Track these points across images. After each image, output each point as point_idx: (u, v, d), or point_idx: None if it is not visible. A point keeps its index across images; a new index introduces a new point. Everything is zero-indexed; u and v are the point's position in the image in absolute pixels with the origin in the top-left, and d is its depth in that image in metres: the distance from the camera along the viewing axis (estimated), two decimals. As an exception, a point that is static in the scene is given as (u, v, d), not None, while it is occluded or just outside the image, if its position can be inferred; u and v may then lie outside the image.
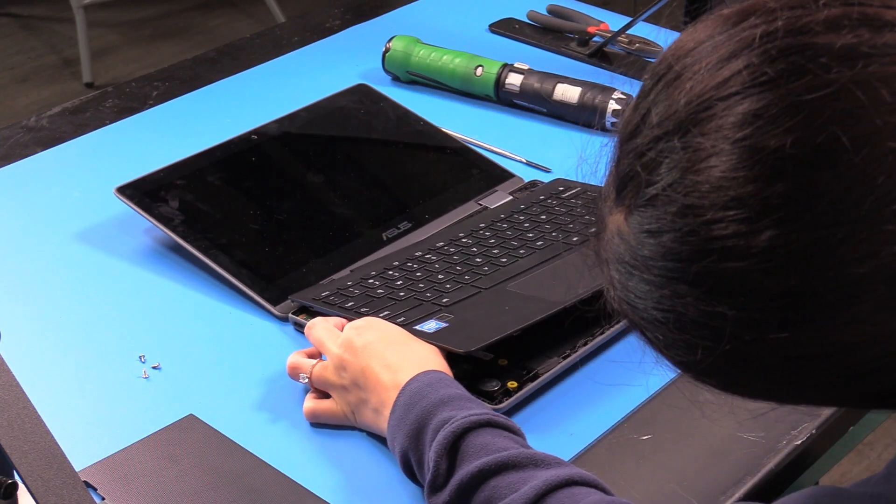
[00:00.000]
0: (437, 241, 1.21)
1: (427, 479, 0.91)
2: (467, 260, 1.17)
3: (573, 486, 0.86)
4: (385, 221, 1.26)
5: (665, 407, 1.06)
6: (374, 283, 1.14)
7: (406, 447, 0.94)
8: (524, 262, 1.15)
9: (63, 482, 0.79)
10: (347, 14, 1.76)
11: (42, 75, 3.65)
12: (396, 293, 1.12)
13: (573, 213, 1.23)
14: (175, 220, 1.21)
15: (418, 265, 1.16)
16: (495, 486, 0.87)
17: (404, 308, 1.09)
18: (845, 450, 1.15)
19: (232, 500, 0.96)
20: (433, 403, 0.93)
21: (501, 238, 1.20)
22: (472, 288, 1.12)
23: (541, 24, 1.70)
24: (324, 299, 1.12)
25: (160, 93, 1.56)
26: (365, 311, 1.09)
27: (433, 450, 0.90)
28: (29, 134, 1.47)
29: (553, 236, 1.20)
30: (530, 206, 1.26)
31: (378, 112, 1.41)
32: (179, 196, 1.23)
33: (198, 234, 1.20)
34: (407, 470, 0.95)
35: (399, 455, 0.95)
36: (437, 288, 1.12)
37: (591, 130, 1.47)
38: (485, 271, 1.14)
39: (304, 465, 1.00)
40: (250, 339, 1.14)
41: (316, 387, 1.04)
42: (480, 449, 0.89)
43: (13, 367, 0.82)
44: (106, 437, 1.02)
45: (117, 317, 1.17)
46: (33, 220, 1.31)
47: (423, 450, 0.92)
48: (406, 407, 0.94)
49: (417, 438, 0.93)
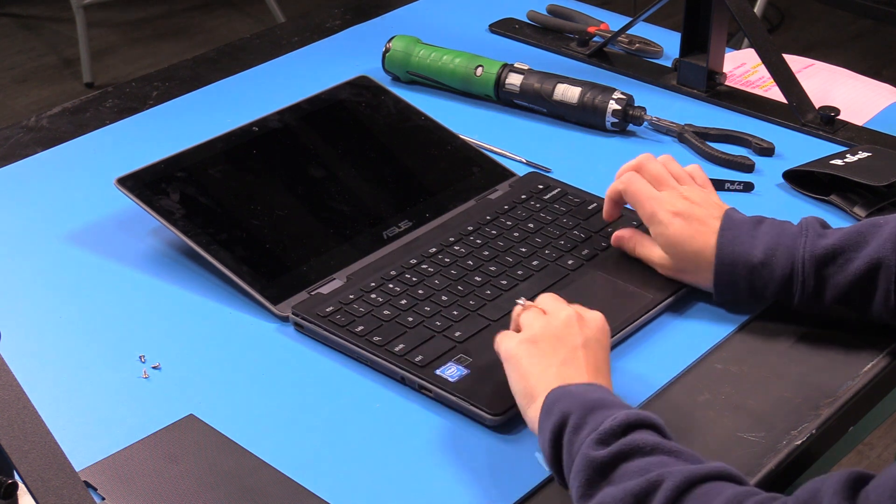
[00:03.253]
0: (429, 248, 1.21)
1: (593, 435, 0.91)
2: (465, 277, 1.17)
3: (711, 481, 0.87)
4: (385, 219, 1.26)
5: (665, 407, 1.06)
6: (376, 298, 1.14)
7: (571, 409, 0.94)
8: (525, 287, 1.16)
9: (63, 482, 0.79)
10: (347, 14, 1.76)
11: (42, 75, 3.65)
12: (403, 317, 1.12)
13: (560, 224, 1.25)
14: (176, 214, 1.21)
15: (417, 278, 1.17)
16: (649, 462, 0.89)
17: (417, 342, 1.09)
18: (845, 450, 1.15)
19: (232, 500, 0.96)
20: (621, 403, 0.95)
21: (494, 249, 1.21)
22: (480, 318, 1.12)
23: (541, 24, 1.70)
24: (329, 317, 1.12)
25: (160, 93, 1.56)
26: (377, 339, 1.09)
27: (616, 417, 0.91)
28: (29, 134, 1.47)
29: (546, 255, 1.21)
30: (513, 206, 1.27)
31: (379, 105, 1.41)
32: (180, 189, 1.23)
33: (198, 230, 1.20)
34: (556, 429, 0.94)
35: (557, 412, 0.94)
36: (444, 314, 1.12)
37: (591, 130, 1.47)
38: (487, 295, 1.15)
39: (304, 465, 1.00)
40: (250, 339, 1.14)
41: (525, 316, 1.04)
42: (651, 436, 0.91)
43: (13, 367, 0.82)
44: (106, 437, 1.02)
45: (117, 317, 1.17)
46: (33, 220, 1.31)
47: (594, 419, 0.93)
48: (592, 388, 0.96)
49: (591, 410, 0.93)
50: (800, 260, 1.09)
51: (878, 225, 1.09)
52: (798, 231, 1.11)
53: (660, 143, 1.44)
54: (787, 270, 1.09)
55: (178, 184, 1.24)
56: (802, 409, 1.05)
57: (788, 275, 1.09)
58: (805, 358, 1.11)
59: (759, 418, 1.04)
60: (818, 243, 1.09)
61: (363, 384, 1.09)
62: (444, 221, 1.27)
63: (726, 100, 1.51)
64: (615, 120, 1.44)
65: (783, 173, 1.35)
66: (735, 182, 1.33)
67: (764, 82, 1.55)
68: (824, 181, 1.32)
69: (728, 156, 1.39)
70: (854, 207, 1.29)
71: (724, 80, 1.53)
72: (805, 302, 1.11)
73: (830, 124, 1.43)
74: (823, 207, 1.31)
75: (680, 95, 1.53)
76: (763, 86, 1.55)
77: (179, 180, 1.24)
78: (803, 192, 1.33)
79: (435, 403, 1.06)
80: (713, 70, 1.51)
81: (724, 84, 1.53)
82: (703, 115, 1.48)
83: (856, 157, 1.32)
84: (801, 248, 1.09)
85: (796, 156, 1.38)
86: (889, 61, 3.70)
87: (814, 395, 1.07)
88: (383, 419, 1.05)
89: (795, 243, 1.10)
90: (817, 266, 1.09)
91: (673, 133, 1.45)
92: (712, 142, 1.42)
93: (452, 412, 1.05)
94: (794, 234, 1.10)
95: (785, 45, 2.08)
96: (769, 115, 1.48)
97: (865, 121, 1.47)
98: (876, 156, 1.33)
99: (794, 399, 1.06)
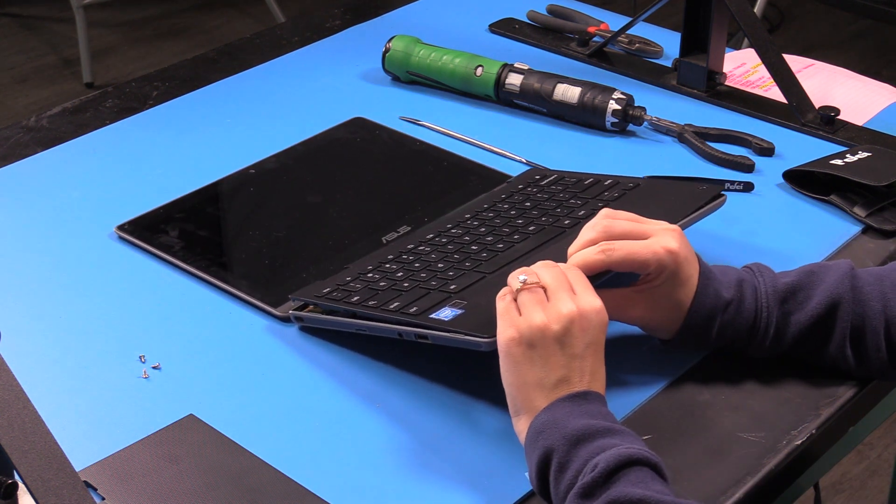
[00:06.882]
0: (427, 234, 1.21)
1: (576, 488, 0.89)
2: (462, 248, 1.16)
3: None
4: (383, 227, 1.26)
5: (665, 407, 1.06)
6: (373, 276, 1.14)
7: (554, 444, 0.92)
8: (521, 246, 1.15)
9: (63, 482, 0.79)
10: (347, 14, 1.76)
11: (42, 75, 3.65)
12: (399, 284, 1.11)
13: (556, 199, 1.23)
14: (175, 247, 1.23)
15: (413, 256, 1.16)
16: None
17: (413, 297, 1.08)
18: (845, 450, 1.15)
19: (232, 500, 0.96)
20: (606, 428, 0.92)
21: (491, 226, 1.20)
22: (476, 273, 1.11)
23: (541, 24, 1.70)
24: (326, 295, 1.12)
25: (160, 93, 1.56)
26: (372, 303, 1.08)
27: (599, 463, 0.89)
28: (29, 134, 1.47)
29: (543, 221, 1.19)
30: (511, 195, 1.26)
31: (374, 139, 1.42)
32: (179, 227, 1.25)
33: (197, 257, 1.22)
34: (541, 465, 0.93)
35: (541, 447, 0.93)
36: (440, 276, 1.11)
37: (591, 130, 1.47)
38: (483, 257, 1.14)
39: (304, 465, 1.00)
40: (250, 339, 1.14)
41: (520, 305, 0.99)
42: (639, 482, 0.88)
43: (13, 367, 0.82)
44: (106, 437, 1.02)
45: (117, 317, 1.17)
46: (33, 220, 1.31)
47: (579, 456, 0.91)
48: (580, 408, 0.94)
49: (576, 444, 0.91)
50: (763, 295, 1.06)
51: (827, 266, 1.07)
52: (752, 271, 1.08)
53: (660, 143, 1.44)
54: (752, 308, 1.05)
55: (176, 223, 1.26)
56: (802, 409, 1.05)
57: (754, 312, 1.06)
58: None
59: (759, 418, 1.04)
60: (777, 280, 1.07)
61: (363, 384, 1.09)
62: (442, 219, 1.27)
63: (726, 100, 1.51)
64: (615, 120, 1.44)
65: (783, 173, 1.35)
66: (735, 182, 1.33)
67: (764, 82, 1.55)
68: (824, 181, 1.32)
69: (728, 156, 1.39)
70: (854, 207, 1.29)
71: (724, 80, 1.53)
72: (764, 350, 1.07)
73: (830, 124, 1.43)
74: (823, 207, 1.31)
75: (680, 95, 1.53)
76: (763, 86, 1.55)
77: (178, 220, 1.26)
78: (803, 192, 1.33)
79: (435, 404, 1.06)
80: (713, 70, 1.51)
81: (724, 84, 1.53)
82: (703, 115, 1.48)
83: (856, 157, 1.32)
84: (761, 284, 1.06)
85: (796, 156, 1.38)
86: (889, 61, 3.70)
87: (814, 395, 1.07)
88: (383, 419, 1.05)
89: (755, 280, 1.07)
90: (780, 302, 1.06)
91: (673, 133, 1.45)
92: (712, 142, 1.42)
93: (452, 412, 1.05)
94: (750, 273, 1.08)
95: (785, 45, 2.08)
96: (769, 115, 1.48)
97: (865, 121, 1.47)
98: (876, 156, 1.33)
99: (794, 399, 1.07)
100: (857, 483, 2.32)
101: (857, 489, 2.30)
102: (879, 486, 2.31)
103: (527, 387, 0.96)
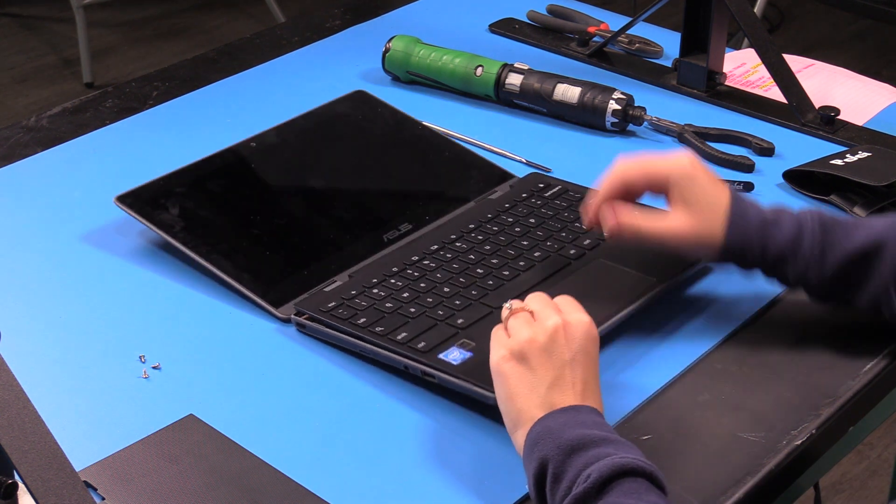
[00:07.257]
0: (431, 245, 1.21)
1: (569, 499, 0.89)
2: (467, 270, 1.17)
3: None
4: (385, 223, 1.26)
5: (665, 407, 1.06)
6: (378, 292, 1.14)
7: (549, 454, 0.92)
8: (526, 276, 1.16)
9: (63, 482, 0.79)
10: (347, 14, 1.76)
11: (42, 75, 3.65)
12: (406, 308, 1.12)
13: (561, 218, 1.24)
14: (176, 227, 1.21)
15: (419, 273, 1.17)
16: None
17: (420, 328, 1.09)
18: (845, 450, 1.15)
19: (232, 500, 0.96)
20: (602, 437, 0.92)
21: (495, 244, 1.21)
22: (482, 307, 1.12)
23: (541, 24, 1.70)
24: (332, 312, 1.12)
25: (160, 93, 1.56)
26: (379, 329, 1.09)
27: (591, 474, 0.89)
28: (29, 134, 1.47)
29: (548, 246, 1.20)
30: (514, 205, 1.27)
31: (376, 117, 1.41)
32: (179, 203, 1.23)
33: (198, 240, 1.20)
34: (538, 475, 0.93)
35: (536, 458, 0.93)
36: (446, 304, 1.12)
37: (591, 130, 1.47)
38: (489, 286, 1.15)
39: (304, 465, 1.00)
40: (251, 340, 1.14)
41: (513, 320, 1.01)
42: (632, 492, 0.88)
43: (13, 367, 0.82)
44: (106, 437, 1.02)
45: (117, 317, 1.17)
46: (33, 220, 1.31)
47: (573, 466, 0.91)
48: (575, 419, 0.94)
49: (570, 454, 0.91)
50: (807, 220, 1.09)
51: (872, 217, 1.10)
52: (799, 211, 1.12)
53: (660, 143, 1.44)
54: (794, 228, 1.08)
55: (177, 199, 1.24)
56: (802, 409, 1.05)
57: (797, 231, 1.08)
58: (805, 358, 1.11)
59: (759, 418, 1.04)
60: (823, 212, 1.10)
61: (363, 384, 1.09)
62: (445, 222, 1.27)
63: (726, 100, 1.51)
64: (615, 120, 1.44)
65: (783, 173, 1.35)
66: (735, 182, 1.33)
67: (764, 82, 1.55)
68: (824, 181, 1.32)
69: (728, 156, 1.39)
70: (854, 207, 1.29)
71: (724, 80, 1.53)
72: (807, 267, 1.08)
73: (830, 124, 1.43)
74: (823, 207, 1.31)
75: (680, 95, 1.53)
76: (763, 86, 1.55)
77: (178, 195, 1.24)
78: (803, 192, 1.33)
79: (435, 403, 1.06)
80: (713, 70, 1.51)
81: (724, 84, 1.53)
82: (703, 115, 1.48)
83: (856, 157, 1.32)
84: (807, 213, 1.10)
85: (796, 156, 1.38)
86: (889, 61, 3.70)
87: (814, 395, 1.07)
88: (383, 419, 1.05)
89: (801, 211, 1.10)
90: (823, 227, 1.08)
91: (673, 133, 1.45)
92: (712, 142, 1.42)
93: (452, 414, 1.05)
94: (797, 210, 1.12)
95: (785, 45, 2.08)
96: (769, 115, 1.48)
97: (865, 121, 1.47)
98: (876, 156, 1.33)
99: (794, 399, 1.07)
100: (857, 483, 2.32)
101: (857, 489, 2.30)
102: (879, 486, 2.31)
103: (520, 397, 0.97)
